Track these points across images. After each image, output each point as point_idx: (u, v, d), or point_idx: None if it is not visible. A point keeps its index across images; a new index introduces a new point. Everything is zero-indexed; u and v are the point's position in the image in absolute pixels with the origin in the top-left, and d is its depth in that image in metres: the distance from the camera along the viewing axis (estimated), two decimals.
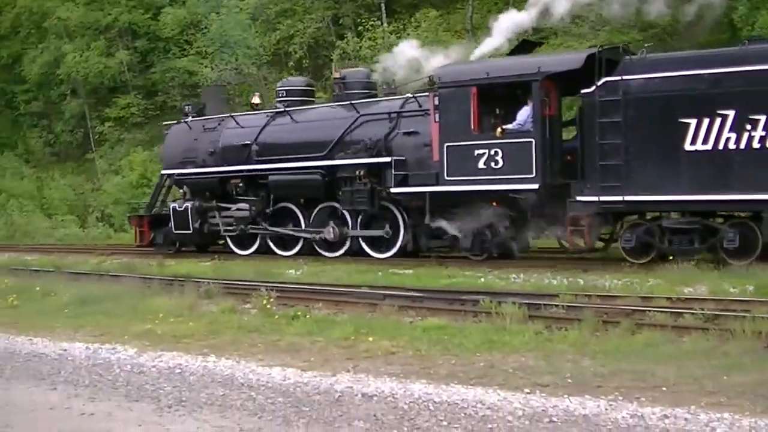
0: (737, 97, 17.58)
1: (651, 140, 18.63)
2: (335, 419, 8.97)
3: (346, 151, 23.23)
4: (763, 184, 17.22)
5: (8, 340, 14.36)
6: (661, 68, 18.79)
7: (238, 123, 26.27)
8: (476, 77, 20.89)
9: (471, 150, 20.57)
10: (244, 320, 14.68)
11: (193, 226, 26.12)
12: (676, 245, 18.66)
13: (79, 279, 20.82)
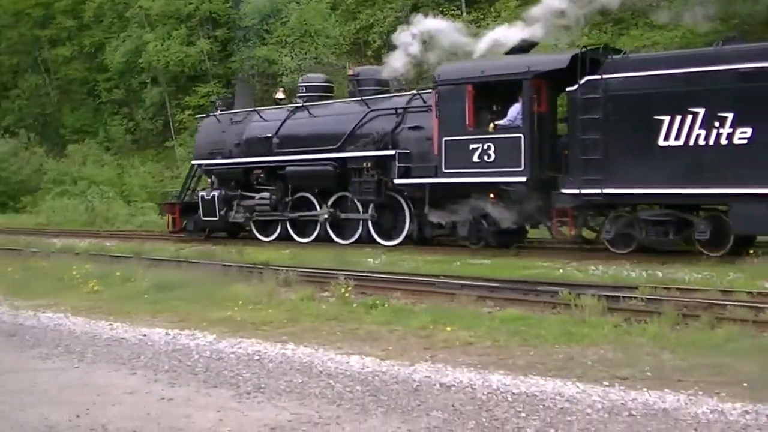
0: (707, 96, 18.65)
1: (628, 136, 19.79)
2: (413, 409, 8.98)
3: (356, 144, 24.81)
4: (729, 178, 18.25)
5: (89, 325, 14.51)
6: (638, 68, 20.08)
7: (262, 117, 28.14)
8: (471, 76, 22.36)
9: (466, 144, 21.98)
10: (322, 308, 14.74)
11: (219, 213, 27.87)
12: (652, 236, 19.75)
13: (158, 265, 21.04)
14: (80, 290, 18.16)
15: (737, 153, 18.34)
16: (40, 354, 12.37)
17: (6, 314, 16.00)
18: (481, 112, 22.40)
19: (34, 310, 16.18)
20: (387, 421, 8.58)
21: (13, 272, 21.33)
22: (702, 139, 18.71)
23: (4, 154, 51.35)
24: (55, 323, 14.82)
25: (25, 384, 10.48)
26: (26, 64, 55.62)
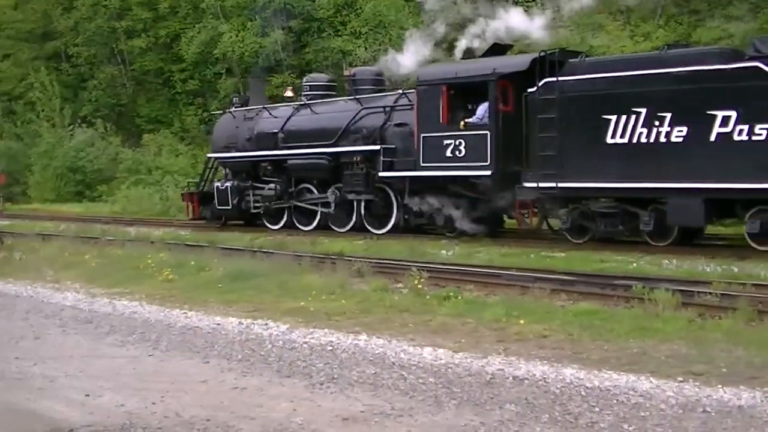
0: (649, 97, 20.19)
1: (580, 134, 21.40)
2: (486, 401, 8.96)
3: (349, 140, 26.85)
4: (666, 173, 19.86)
5: (164, 313, 14.65)
6: (590, 71, 21.60)
7: (271, 113, 30.17)
8: (445, 77, 24.43)
9: (441, 140, 24.02)
10: (395, 300, 14.73)
11: (232, 202, 29.99)
12: (604, 227, 21.40)
13: (232, 255, 21.19)
14: (155, 279, 18.34)
15: (674, 150, 19.89)
16: (116, 341, 12.53)
17: (83, 302, 16.21)
18: (455, 111, 24.17)
19: (109, 298, 16.39)
20: (460, 414, 8.57)
21: (89, 260, 21.58)
22: (644, 137, 20.26)
23: (81, 143, 52.01)
24: (131, 311, 14.98)
25: (103, 370, 10.62)
26: (103, 55, 56.24)
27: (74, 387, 9.85)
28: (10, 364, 11.09)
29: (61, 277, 19.67)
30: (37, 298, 16.91)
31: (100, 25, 54.58)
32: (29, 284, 18.72)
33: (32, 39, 59.55)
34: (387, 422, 8.36)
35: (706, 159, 19.42)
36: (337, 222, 27.43)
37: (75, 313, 15.05)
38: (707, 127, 19.39)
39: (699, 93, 19.57)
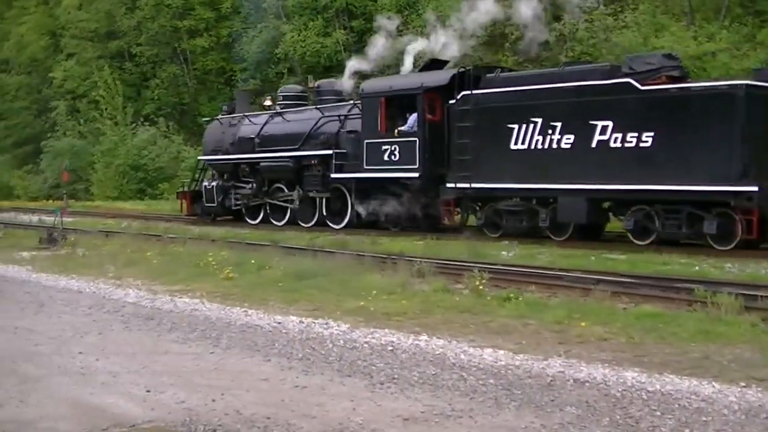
0: (543, 108, 23.45)
1: (489, 141, 24.80)
2: (546, 404, 8.91)
3: (310, 144, 30.57)
4: (557, 176, 23.12)
5: (224, 311, 14.71)
6: (501, 84, 24.94)
7: (251, 120, 34.10)
8: (383, 90, 28.45)
9: (380, 146, 27.69)
10: (455, 300, 14.73)
11: (217, 200, 34.26)
12: (510, 223, 24.84)
13: (292, 254, 21.29)
14: (216, 277, 18.44)
15: (563, 156, 23.12)
16: (178, 338, 12.59)
17: (145, 298, 16.32)
18: (391, 120, 27.87)
19: (171, 295, 16.50)
20: (520, 416, 8.53)
21: (151, 257, 21.76)
22: (539, 144, 23.59)
23: (144, 141, 52.52)
24: (192, 308, 15.06)
25: (164, 366, 10.68)
26: (165, 54, 56.75)
27: (136, 383, 9.91)
28: (75, 358, 11.19)
29: (123, 273, 19.82)
30: (100, 295, 17.05)
31: (162, 24, 55.09)
32: (92, 280, 18.88)
33: (96, 38, 60.20)
34: (447, 423, 8.33)
35: (589, 163, 22.59)
36: (303, 218, 31.20)
37: (137, 309, 15.15)
38: (589, 135, 22.52)
39: (582, 105, 22.77)
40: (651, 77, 22.14)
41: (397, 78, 29.92)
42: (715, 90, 21.09)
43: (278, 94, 35.06)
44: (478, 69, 26.68)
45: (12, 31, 66.60)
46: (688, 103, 21.22)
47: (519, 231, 24.40)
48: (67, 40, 61.51)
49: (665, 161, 21.33)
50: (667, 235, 21.82)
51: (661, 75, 22.23)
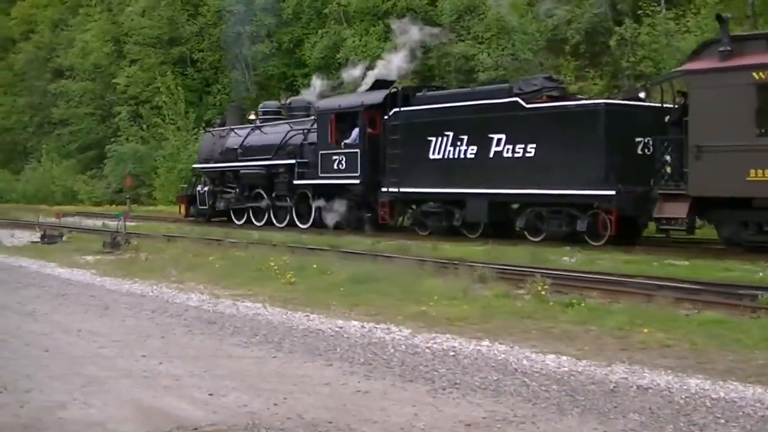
0: (454, 123, 27.63)
1: (413, 151, 28.95)
2: (610, 410, 8.85)
3: (280, 154, 34.69)
4: (465, 181, 27.09)
5: (286, 315, 14.75)
6: (424, 102, 29.33)
7: (236, 133, 38.41)
8: (333, 107, 32.85)
9: (331, 156, 32.03)
10: (517, 306, 14.68)
11: (208, 203, 39.11)
12: (432, 223, 29.05)
13: (353, 258, 21.33)
14: (277, 281, 18.50)
15: (469, 164, 27.10)
16: (240, 342, 12.65)
17: (207, 302, 16.42)
18: (341, 133, 31.95)
19: (233, 299, 16.58)
20: (583, 422, 8.48)
21: (213, 262, 21.91)
22: (451, 154, 27.72)
23: None
24: (254, 313, 15.12)
25: (227, 370, 10.74)
26: (227, 60, 57.00)
27: (199, 386, 9.97)
28: (138, 362, 11.28)
29: (186, 278, 19.96)
30: (163, 298, 17.17)
31: (224, 30, 55.35)
32: (154, 284, 19.02)
33: (159, 45, 60.64)
34: (509, 429, 8.31)
35: (488, 171, 26.51)
36: (278, 219, 35.40)
37: (199, 313, 15.24)
38: (488, 147, 26.51)
39: (483, 121, 26.69)
40: (534, 97, 25.86)
41: (344, 97, 34.53)
42: (582, 108, 24.99)
43: (259, 110, 39.71)
44: (407, 89, 31.69)
45: (77, 38, 67.30)
46: (562, 119, 24.99)
47: (440, 229, 28.66)
48: (130, 46, 62.03)
49: (545, 169, 24.98)
50: (551, 233, 25.33)
51: (542, 94, 25.93)
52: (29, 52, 74.32)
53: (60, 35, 71.98)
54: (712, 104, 21.39)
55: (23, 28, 77.48)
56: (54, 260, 24.15)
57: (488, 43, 40.74)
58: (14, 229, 37.91)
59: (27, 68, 74.99)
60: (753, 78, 20.72)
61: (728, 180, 21.03)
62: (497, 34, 40.75)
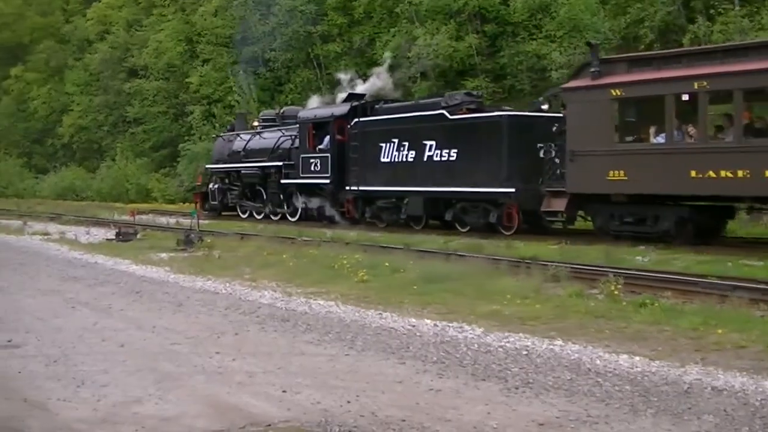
0: (399, 131, 32.30)
1: (369, 155, 33.49)
2: (683, 412, 8.79)
3: (273, 158, 39.49)
4: (407, 181, 31.67)
5: (359, 313, 14.84)
6: (379, 113, 34.16)
7: (241, 137, 43.23)
8: (310, 118, 37.71)
9: (309, 159, 36.78)
10: (590, 305, 14.62)
11: (218, 199, 44.19)
12: (386, 217, 33.49)
13: (425, 257, 21.34)
14: (350, 279, 18.60)
15: (409, 166, 31.65)
16: (313, 340, 12.73)
17: (280, 300, 16.54)
18: (317, 140, 36.68)
19: (306, 297, 16.70)
20: (657, 423, 8.44)
21: (286, 260, 22.03)
22: (396, 158, 32.31)
23: None
24: (326, 311, 15.22)
25: (300, 367, 10.81)
26: (299, 59, 57.13)
27: (272, 383, 10.05)
28: (212, 358, 11.40)
29: (258, 275, 20.11)
30: (236, 296, 17.33)
31: (296, 30, 55.47)
32: (228, 282, 19.19)
33: (231, 44, 60.95)
34: (583, 429, 8.29)
35: (423, 172, 31.03)
36: (273, 213, 39.80)
37: (272, 311, 15.35)
38: (423, 151, 31.10)
39: (419, 129, 31.34)
40: (457, 110, 30.27)
41: (320, 109, 39.04)
42: (489, 119, 29.26)
43: (260, 117, 44.82)
44: (369, 102, 35.83)
45: (150, 38, 67.84)
46: (475, 128, 29.41)
47: (392, 222, 33.07)
48: (202, 46, 62.37)
49: (463, 170, 29.45)
50: (472, 224, 29.58)
51: (462, 107, 30.28)
52: (104, 52, 74.88)
53: (134, 35, 72.53)
54: (583, 116, 25.35)
55: (99, 29, 78.13)
56: (128, 257, 24.47)
57: (560, 42, 40.49)
58: (90, 226, 38.39)
59: (102, 68, 75.57)
60: (611, 94, 24.67)
61: (594, 179, 24.89)
62: (569, 32, 40.49)
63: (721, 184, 21.97)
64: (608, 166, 24.49)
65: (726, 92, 22.51)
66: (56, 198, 72.29)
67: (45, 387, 9.98)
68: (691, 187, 22.92)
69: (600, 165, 24.66)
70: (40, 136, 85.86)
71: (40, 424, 8.61)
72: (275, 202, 39.67)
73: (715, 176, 22.05)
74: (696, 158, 22.69)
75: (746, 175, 21.36)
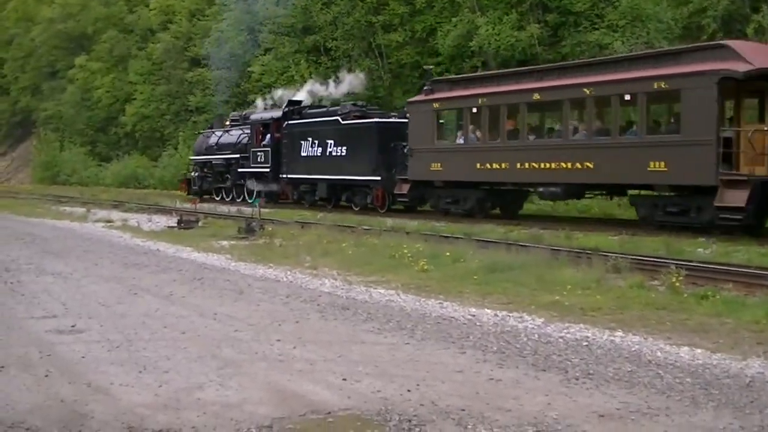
0: (312, 132, 41.92)
1: (294, 150, 43.22)
2: (745, 405, 8.72)
3: (235, 151, 49.29)
4: (317, 170, 41.15)
5: (419, 303, 14.86)
6: (301, 117, 43.99)
7: (215, 134, 53.34)
8: (258, 120, 47.80)
9: (256, 152, 46.84)
10: (651, 297, 14.55)
11: (198, 185, 53.77)
12: (308, 198, 43.22)
13: (487, 247, 21.31)
14: (411, 268, 18.62)
15: (318, 159, 41.28)
16: (373, 328, 12.75)
17: (340, 288, 16.61)
18: (262, 137, 46.67)
19: (366, 286, 16.76)
20: (718, 416, 8.38)
21: (346, 248, 22.12)
22: (311, 153, 41.93)
23: None
24: (387, 299, 15.26)
25: (360, 356, 10.85)
26: (360, 49, 57.13)
27: (332, 371, 10.09)
28: (273, 346, 11.47)
29: (319, 264, 20.19)
30: (297, 284, 17.41)
31: (357, 19, 55.46)
32: (288, 270, 19.29)
33: (293, 33, 61.09)
34: (643, 421, 8.25)
35: (326, 164, 40.74)
36: (237, 196, 49.00)
37: (332, 299, 15.41)
38: (326, 148, 40.88)
39: (324, 131, 41.15)
40: (348, 116, 40.03)
41: (264, 112, 49.36)
42: (366, 124, 38.80)
43: (230, 118, 54.25)
44: (299, 108, 45.74)
45: (212, 27, 68.16)
46: (357, 131, 39.08)
47: (311, 202, 43.01)
48: (264, 35, 62.55)
49: (350, 163, 39.01)
50: (359, 205, 39.11)
51: (350, 114, 40.06)
52: (167, 41, 75.52)
53: (197, 25, 72.97)
54: (418, 123, 35.02)
55: (161, 19, 78.78)
56: (190, 245, 24.70)
57: (622, 32, 40.19)
58: (152, 214, 38.83)
59: (165, 57, 76.23)
60: (434, 107, 34.33)
61: (424, 170, 34.32)
62: (632, 21, 40.18)
63: (495, 173, 31.29)
64: (431, 159, 34.11)
65: (495, 107, 31.35)
66: (119, 186, 73.12)
67: (108, 372, 10.11)
68: (479, 176, 32.14)
69: (427, 159, 34.27)
70: (103, 125, 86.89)
71: (103, 408, 8.71)
72: (237, 186, 49.66)
73: (490, 167, 31.25)
74: (480, 155, 31.90)
75: (506, 166, 30.60)
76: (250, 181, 47.50)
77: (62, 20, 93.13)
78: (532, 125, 31.50)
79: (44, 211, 43.60)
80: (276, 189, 45.43)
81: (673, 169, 24.86)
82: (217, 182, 51.97)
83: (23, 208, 46.42)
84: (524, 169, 29.68)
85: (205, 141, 53.91)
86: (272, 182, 45.46)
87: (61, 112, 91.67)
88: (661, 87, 25.42)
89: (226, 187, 51.13)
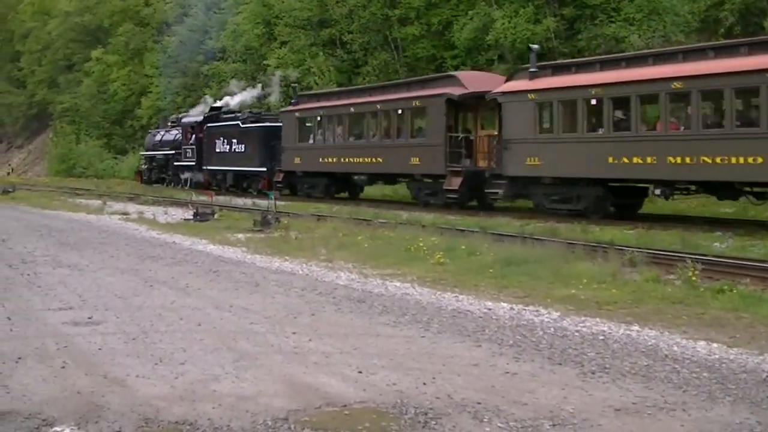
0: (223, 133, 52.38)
1: (211, 147, 53.46)
2: (762, 400, 8.70)
3: (172, 147, 59.71)
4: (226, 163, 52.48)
5: (435, 296, 14.85)
6: (218, 120, 54.57)
7: (159, 133, 64.07)
8: (187, 123, 57.42)
9: (186, 149, 57.20)
10: (667, 291, 14.53)
11: (147, 176, 64.97)
12: (222, 185, 52.20)
13: (503, 240, 21.28)
14: (426, 261, 18.63)
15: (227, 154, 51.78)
16: (389, 321, 12.75)
17: (356, 281, 16.62)
18: (190, 137, 56.42)
19: (381, 279, 16.76)
20: (735, 411, 8.36)
21: (362, 241, 22.13)
22: (222, 149, 52.03)
23: None
24: (402, 292, 15.26)
25: (376, 349, 10.85)
26: (376, 42, 57.07)
27: (348, 363, 10.10)
28: (288, 338, 11.48)
29: (335, 256, 20.20)
30: (312, 277, 17.42)
31: (373, 12, 55.45)
32: (304, 263, 19.31)
33: (309, 26, 61.09)
34: (660, 415, 8.23)
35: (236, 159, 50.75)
36: (176, 184, 58.71)
37: (348, 292, 15.41)
38: (232, 146, 50.69)
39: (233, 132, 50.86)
40: (246, 121, 50.63)
41: (191, 117, 58.75)
42: (255, 127, 49.25)
43: (170, 119, 64.17)
44: (218, 113, 55.84)
45: (228, 20, 68.25)
46: (251, 133, 49.45)
47: (223, 187, 51.50)
48: (280, 28, 62.52)
49: (247, 158, 49.42)
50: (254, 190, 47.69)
51: (248, 119, 50.54)
52: (183, 34, 75.64)
53: (213, 18, 73.07)
54: (287, 126, 46.42)
55: (177, 12, 78.93)
56: (206, 237, 24.75)
57: (639, 25, 40.08)
58: (168, 206, 38.89)
59: (180, 50, 76.37)
60: (296, 115, 45.63)
61: (290, 162, 45.90)
62: (648, 15, 40.07)
63: (333, 166, 42.47)
64: (294, 155, 45.26)
65: (330, 117, 42.77)
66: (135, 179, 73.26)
67: (124, 363, 10.13)
68: (324, 167, 43.11)
69: (292, 154, 45.38)
70: (119, 118, 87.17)
71: (119, 399, 8.74)
72: (174, 176, 60.07)
73: (329, 161, 42.70)
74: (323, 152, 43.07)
75: (338, 161, 41.79)
76: (183, 173, 58.29)
77: (79, 13, 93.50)
78: (351, 131, 41.95)
79: (60, 203, 43.74)
80: (201, 179, 55.17)
81: (423, 163, 35.89)
82: (161, 173, 63.25)
83: (39, 200, 46.55)
84: (348, 162, 41.15)
85: (152, 139, 65.30)
86: (198, 173, 55.97)
87: (78, 105, 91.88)
88: (416, 105, 36.68)
89: (169, 178, 61.72)
